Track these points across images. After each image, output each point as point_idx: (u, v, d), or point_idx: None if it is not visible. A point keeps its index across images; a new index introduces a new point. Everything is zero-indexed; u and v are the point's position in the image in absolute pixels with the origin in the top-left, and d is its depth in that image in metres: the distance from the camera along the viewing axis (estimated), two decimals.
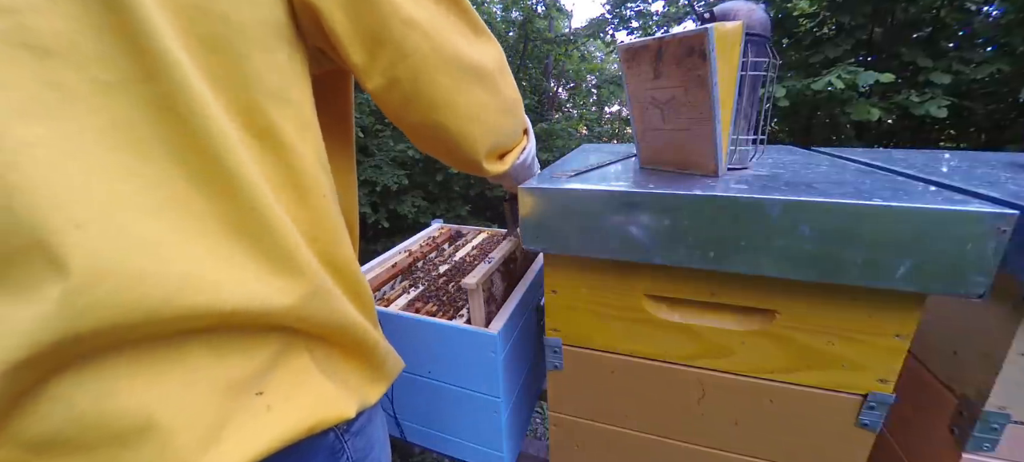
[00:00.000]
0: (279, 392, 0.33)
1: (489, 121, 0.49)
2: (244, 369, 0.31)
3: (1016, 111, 2.87)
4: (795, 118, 3.43)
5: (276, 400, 0.32)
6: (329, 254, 0.37)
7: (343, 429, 0.40)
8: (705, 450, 0.61)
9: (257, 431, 0.30)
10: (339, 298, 0.37)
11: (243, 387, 0.31)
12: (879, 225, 0.41)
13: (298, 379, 0.34)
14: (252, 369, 0.31)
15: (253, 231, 0.30)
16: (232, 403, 0.30)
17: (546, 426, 1.38)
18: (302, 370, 0.35)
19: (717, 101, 0.49)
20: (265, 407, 0.32)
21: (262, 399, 0.32)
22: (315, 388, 0.35)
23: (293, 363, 0.34)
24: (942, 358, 0.54)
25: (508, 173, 0.58)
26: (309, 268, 0.33)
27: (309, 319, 0.34)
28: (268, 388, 0.32)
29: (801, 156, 0.74)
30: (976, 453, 0.48)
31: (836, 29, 3.08)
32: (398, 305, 0.83)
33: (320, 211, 0.36)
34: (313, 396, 0.35)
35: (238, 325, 0.30)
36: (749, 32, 0.55)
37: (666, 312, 0.57)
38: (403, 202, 3.48)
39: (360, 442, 0.42)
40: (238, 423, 0.30)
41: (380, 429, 0.48)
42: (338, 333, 0.37)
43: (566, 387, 0.67)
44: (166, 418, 0.26)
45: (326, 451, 0.38)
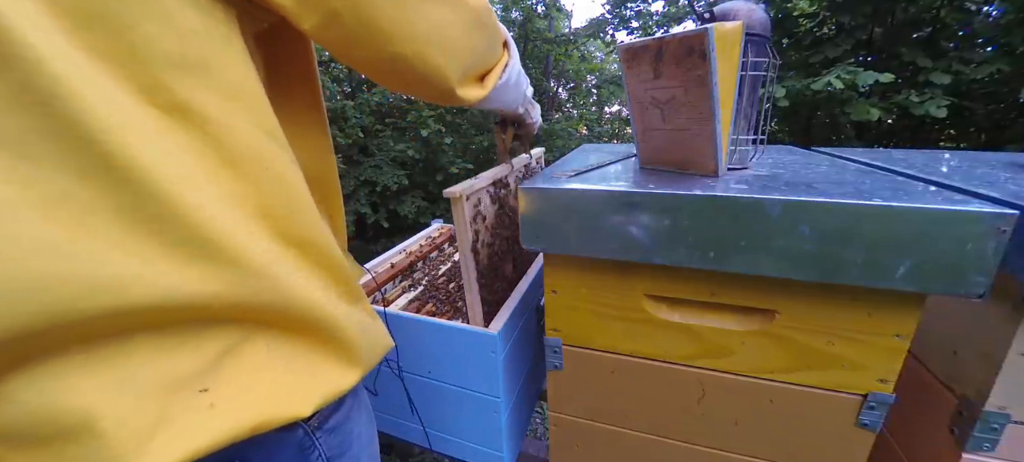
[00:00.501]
0: (226, 389, 0.31)
1: (455, 41, 0.42)
2: (187, 365, 0.30)
3: (1016, 111, 2.87)
4: (795, 118, 3.43)
5: (221, 398, 0.31)
6: (287, 229, 0.35)
7: (314, 426, 0.38)
8: (705, 450, 0.61)
9: (195, 429, 0.29)
10: (293, 276, 0.34)
11: (185, 384, 0.30)
12: (879, 225, 0.41)
13: (249, 374, 0.33)
14: (197, 365, 0.30)
15: (157, 221, 0.28)
16: (171, 401, 0.29)
17: (546, 426, 1.38)
18: (256, 365, 0.33)
19: (717, 101, 0.49)
20: (208, 404, 0.30)
21: (205, 396, 0.31)
22: (268, 384, 0.33)
23: (246, 357, 0.33)
24: (942, 358, 0.54)
25: (491, 97, 0.52)
26: (240, 252, 0.31)
27: (248, 306, 0.32)
28: (214, 384, 0.31)
29: (801, 156, 0.74)
30: (976, 453, 0.48)
31: (836, 29, 3.08)
32: (398, 305, 0.83)
33: (269, 184, 0.33)
34: (264, 393, 0.33)
35: (173, 321, 0.29)
36: (749, 32, 0.55)
37: (666, 312, 0.57)
38: (403, 202, 3.48)
39: (335, 439, 0.40)
40: (176, 421, 0.29)
41: (361, 425, 0.45)
42: (295, 318, 0.35)
43: (566, 387, 0.67)
44: (103, 416, 0.26)
45: (294, 447, 0.37)
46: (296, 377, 0.35)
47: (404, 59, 0.40)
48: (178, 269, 0.28)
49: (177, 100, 0.29)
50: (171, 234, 0.28)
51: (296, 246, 0.35)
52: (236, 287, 0.31)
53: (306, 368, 0.36)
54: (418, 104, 3.76)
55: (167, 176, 0.28)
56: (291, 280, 0.34)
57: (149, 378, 0.28)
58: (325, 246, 0.37)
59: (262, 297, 0.32)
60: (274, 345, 0.35)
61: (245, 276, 0.31)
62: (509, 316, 0.74)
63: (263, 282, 0.32)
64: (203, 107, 0.30)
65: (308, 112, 0.45)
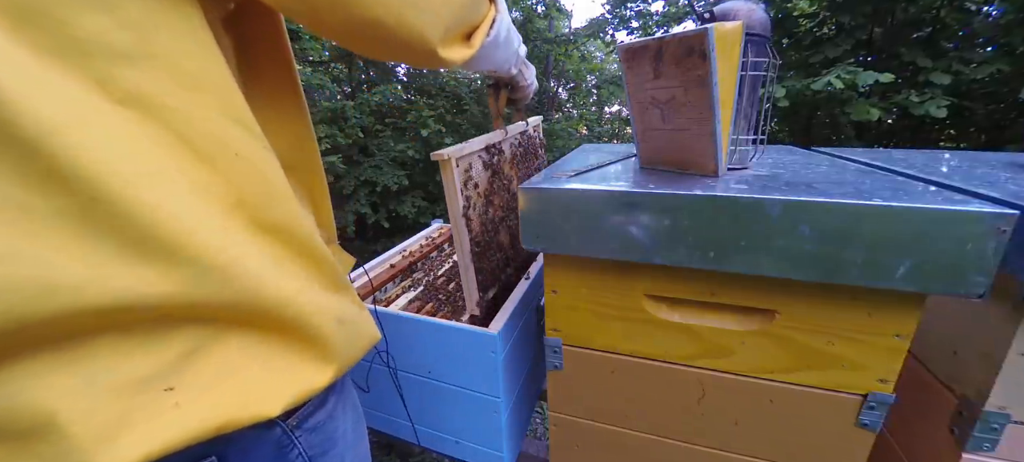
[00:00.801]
0: (192, 388, 0.31)
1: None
2: (152, 365, 0.30)
3: (1016, 111, 2.87)
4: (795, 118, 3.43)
5: (186, 397, 0.31)
6: (262, 216, 0.34)
7: (293, 424, 0.37)
8: (705, 450, 0.61)
9: (158, 428, 0.29)
10: (266, 268, 0.33)
11: (150, 383, 0.30)
12: (879, 225, 0.41)
13: (217, 373, 0.32)
14: (162, 364, 0.30)
15: (107, 222, 0.27)
16: (137, 400, 0.29)
17: (546, 426, 1.38)
18: (224, 363, 0.33)
19: (717, 101, 0.49)
20: (173, 404, 0.30)
21: (170, 395, 0.30)
22: (237, 383, 0.33)
23: (214, 356, 0.32)
24: (942, 358, 0.54)
25: (477, 57, 0.48)
26: (201, 249, 0.30)
27: (212, 304, 0.31)
28: (180, 384, 0.31)
29: (801, 156, 0.74)
30: (976, 453, 0.48)
31: (836, 29, 3.08)
32: (398, 305, 0.83)
33: (240, 172, 0.32)
34: (232, 392, 0.32)
35: (136, 321, 0.29)
36: (749, 32, 0.55)
37: (666, 312, 0.57)
38: (403, 202, 3.48)
39: (316, 438, 0.39)
40: (138, 420, 0.29)
41: (346, 425, 0.44)
42: (266, 314, 0.34)
43: (566, 387, 0.67)
44: (69, 414, 0.27)
45: (272, 445, 0.36)
46: (269, 376, 0.35)
47: (379, 23, 0.36)
48: (132, 270, 0.28)
49: (132, 91, 0.28)
50: (123, 234, 0.27)
51: (272, 233, 0.34)
52: (197, 286, 0.30)
53: (282, 366, 0.35)
54: (418, 104, 3.76)
55: (118, 174, 0.27)
56: (261, 273, 0.33)
57: (114, 377, 0.28)
58: (304, 234, 0.36)
59: (226, 295, 0.31)
60: (247, 344, 0.34)
61: (207, 274, 0.30)
62: (509, 316, 0.74)
63: (227, 279, 0.31)
64: (161, 97, 0.29)
65: (284, 97, 0.44)
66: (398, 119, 3.73)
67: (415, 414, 0.83)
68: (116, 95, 0.28)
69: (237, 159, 0.32)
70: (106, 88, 0.27)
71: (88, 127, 0.26)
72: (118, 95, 0.28)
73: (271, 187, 0.34)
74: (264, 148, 0.34)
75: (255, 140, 0.34)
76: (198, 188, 0.30)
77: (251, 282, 0.32)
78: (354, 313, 0.42)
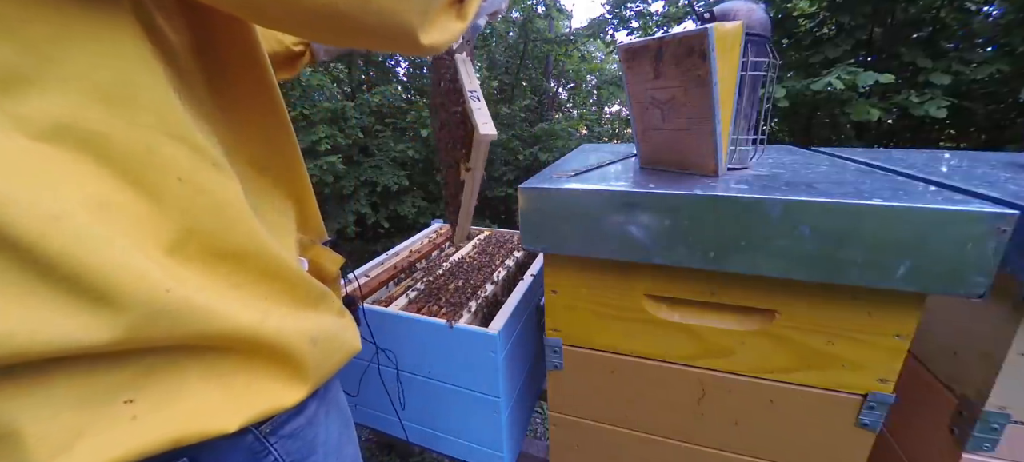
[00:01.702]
0: (150, 400, 0.30)
1: None
2: (110, 382, 0.29)
3: (1016, 111, 2.87)
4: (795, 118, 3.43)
5: (144, 409, 0.30)
6: (216, 243, 0.31)
7: (267, 431, 0.36)
8: (705, 450, 0.61)
9: (114, 441, 0.29)
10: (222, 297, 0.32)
11: (110, 395, 0.29)
12: (879, 225, 0.41)
13: (176, 387, 0.31)
14: (120, 381, 0.29)
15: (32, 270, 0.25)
16: (95, 412, 0.28)
17: (546, 426, 1.38)
18: (183, 381, 0.32)
19: (717, 101, 0.49)
20: (130, 416, 0.29)
21: (129, 408, 0.29)
22: (196, 398, 0.32)
23: (172, 376, 0.31)
24: (942, 358, 0.54)
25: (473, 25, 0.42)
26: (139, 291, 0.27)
27: (164, 338, 0.30)
28: (140, 396, 0.30)
29: (801, 156, 0.74)
30: (976, 453, 0.48)
31: (836, 29, 3.08)
32: (398, 305, 0.83)
33: (185, 198, 0.30)
34: (189, 408, 0.31)
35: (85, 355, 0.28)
36: (749, 32, 0.55)
37: (666, 312, 0.57)
38: (403, 202, 3.48)
39: (294, 444, 0.38)
40: (95, 432, 0.28)
41: (330, 430, 0.42)
42: (226, 339, 0.32)
43: (566, 387, 0.67)
44: (25, 426, 0.27)
45: (244, 452, 0.35)
46: (228, 394, 0.33)
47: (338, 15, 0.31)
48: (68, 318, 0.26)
49: (48, 124, 0.25)
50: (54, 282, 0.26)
51: (229, 260, 0.32)
52: (141, 328, 0.28)
53: (245, 384, 0.34)
54: (418, 104, 3.75)
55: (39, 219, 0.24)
56: (215, 307, 0.31)
57: (70, 394, 0.28)
58: (268, 255, 0.34)
59: (177, 333, 0.30)
60: (206, 365, 0.33)
61: (151, 317, 0.28)
62: (509, 316, 0.74)
63: (175, 319, 0.29)
64: (83, 124, 0.26)
65: (255, 95, 0.40)
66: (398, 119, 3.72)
67: (415, 414, 0.83)
68: (31, 131, 0.25)
69: (181, 185, 0.29)
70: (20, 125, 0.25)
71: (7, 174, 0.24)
72: (33, 131, 0.25)
73: (224, 211, 0.32)
74: (213, 167, 0.31)
75: (201, 160, 0.31)
76: (138, 223, 0.28)
77: (201, 317, 0.30)
78: (331, 327, 0.40)
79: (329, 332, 0.39)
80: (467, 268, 1.01)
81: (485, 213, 4.10)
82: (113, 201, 0.27)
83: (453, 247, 1.17)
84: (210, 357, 0.33)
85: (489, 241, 1.18)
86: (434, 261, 1.09)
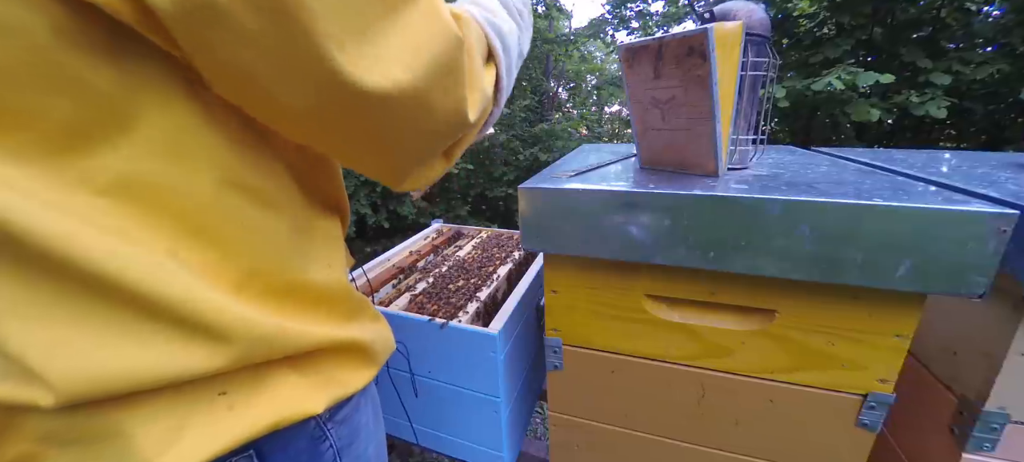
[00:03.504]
0: (242, 391, 0.32)
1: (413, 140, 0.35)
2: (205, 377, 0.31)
3: (1016, 111, 2.87)
4: (795, 118, 3.43)
5: (238, 399, 0.32)
6: (276, 281, 0.33)
7: (325, 417, 0.39)
8: (705, 450, 0.61)
9: (216, 431, 0.31)
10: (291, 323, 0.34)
11: (205, 388, 0.31)
12: (879, 225, 0.41)
13: (264, 378, 0.34)
14: (214, 371, 0.30)
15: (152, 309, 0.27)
16: (194, 406, 0.30)
17: (546, 426, 1.38)
18: (268, 372, 0.34)
19: (717, 101, 0.49)
20: (227, 407, 0.31)
21: (225, 399, 0.31)
22: (282, 386, 0.34)
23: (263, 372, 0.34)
24: (942, 358, 0.54)
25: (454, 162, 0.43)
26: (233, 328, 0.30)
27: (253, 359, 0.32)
28: (232, 387, 0.32)
29: (801, 156, 0.74)
30: (976, 453, 0.48)
31: (836, 29, 3.08)
32: (399, 305, 0.83)
33: (244, 241, 0.31)
34: (279, 394, 0.34)
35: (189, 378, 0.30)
36: (749, 32, 0.55)
37: (666, 312, 0.57)
38: (403, 202, 3.48)
39: (344, 430, 0.41)
40: (197, 423, 0.30)
41: (368, 417, 0.46)
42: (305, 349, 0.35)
43: (566, 387, 0.67)
44: (133, 427, 0.28)
45: (307, 438, 0.38)
46: (309, 380, 0.36)
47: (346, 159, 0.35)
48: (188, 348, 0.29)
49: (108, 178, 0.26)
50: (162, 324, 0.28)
51: (289, 294, 0.35)
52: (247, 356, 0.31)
53: (321, 372, 0.38)
54: None
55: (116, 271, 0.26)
56: (289, 328, 0.33)
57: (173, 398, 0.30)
58: (319, 283, 0.37)
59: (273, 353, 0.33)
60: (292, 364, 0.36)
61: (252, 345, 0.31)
62: (509, 316, 0.74)
63: (272, 343, 0.32)
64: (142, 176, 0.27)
65: None
66: None
67: (415, 414, 0.83)
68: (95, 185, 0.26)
69: (240, 227, 0.31)
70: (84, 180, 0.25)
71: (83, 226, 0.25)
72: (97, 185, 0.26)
73: (276, 247, 0.34)
74: (268, 207, 0.32)
75: (259, 203, 0.32)
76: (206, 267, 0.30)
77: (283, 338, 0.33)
78: (379, 325, 0.45)
79: (380, 329, 0.45)
80: (467, 268, 1.01)
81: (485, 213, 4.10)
82: (187, 246, 0.29)
83: (453, 247, 1.17)
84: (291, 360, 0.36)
85: (489, 241, 1.18)
86: (434, 261, 1.09)
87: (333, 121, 0.30)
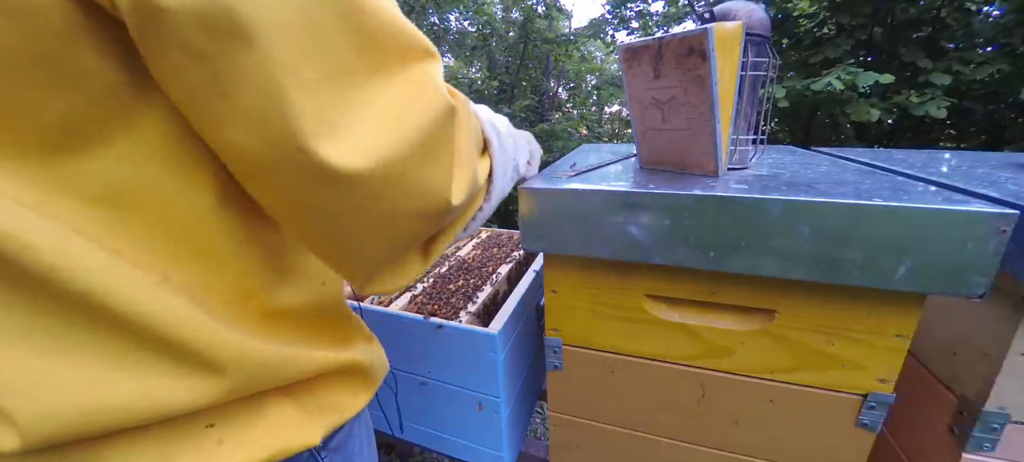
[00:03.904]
0: (233, 424, 0.30)
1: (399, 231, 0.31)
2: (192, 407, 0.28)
3: (1016, 111, 2.87)
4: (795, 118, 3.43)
5: (228, 433, 0.30)
6: (274, 306, 0.31)
7: (319, 447, 0.36)
8: (705, 450, 0.61)
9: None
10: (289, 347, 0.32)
11: (192, 421, 0.29)
12: (879, 225, 0.41)
13: (257, 408, 0.31)
14: (202, 405, 0.28)
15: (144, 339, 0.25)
16: (182, 440, 0.28)
17: (546, 426, 1.38)
18: (261, 402, 0.32)
19: (717, 101, 0.49)
20: (216, 441, 0.29)
21: (213, 431, 0.29)
22: (277, 416, 0.32)
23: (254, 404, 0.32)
24: (942, 358, 0.54)
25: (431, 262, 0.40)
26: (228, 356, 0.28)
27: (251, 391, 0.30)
28: (220, 420, 0.30)
29: (801, 156, 0.74)
30: (976, 453, 0.48)
31: (836, 29, 3.08)
32: (398, 305, 0.83)
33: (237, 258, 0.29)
34: (273, 426, 0.32)
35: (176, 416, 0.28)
36: (749, 32, 0.55)
37: (666, 312, 0.57)
38: None
39: (339, 457, 0.39)
40: (184, 459, 0.28)
41: (363, 440, 0.44)
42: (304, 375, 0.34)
43: (566, 387, 0.67)
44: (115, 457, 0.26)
45: None
46: (304, 409, 0.34)
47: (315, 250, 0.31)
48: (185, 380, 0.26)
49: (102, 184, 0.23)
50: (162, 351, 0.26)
51: (286, 316, 0.33)
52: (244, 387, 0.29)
53: (316, 400, 0.36)
54: None
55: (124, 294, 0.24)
56: (287, 354, 0.32)
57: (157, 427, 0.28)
58: (315, 303, 0.35)
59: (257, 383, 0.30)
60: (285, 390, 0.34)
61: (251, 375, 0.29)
62: (509, 316, 0.74)
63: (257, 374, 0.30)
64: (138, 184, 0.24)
65: None
66: None
67: (415, 414, 0.83)
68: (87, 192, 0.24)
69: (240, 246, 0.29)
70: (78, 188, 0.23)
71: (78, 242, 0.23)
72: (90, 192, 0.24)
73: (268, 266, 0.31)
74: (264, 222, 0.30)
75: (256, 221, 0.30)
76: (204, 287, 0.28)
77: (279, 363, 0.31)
78: (373, 346, 0.43)
79: (375, 351, 0.43)
80: (467, 268, 1.01)
81: None
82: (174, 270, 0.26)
83: (453, 247, 1.17)
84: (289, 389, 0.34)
85: (489, 241, 1.18)
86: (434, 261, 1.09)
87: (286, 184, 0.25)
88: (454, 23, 5.73)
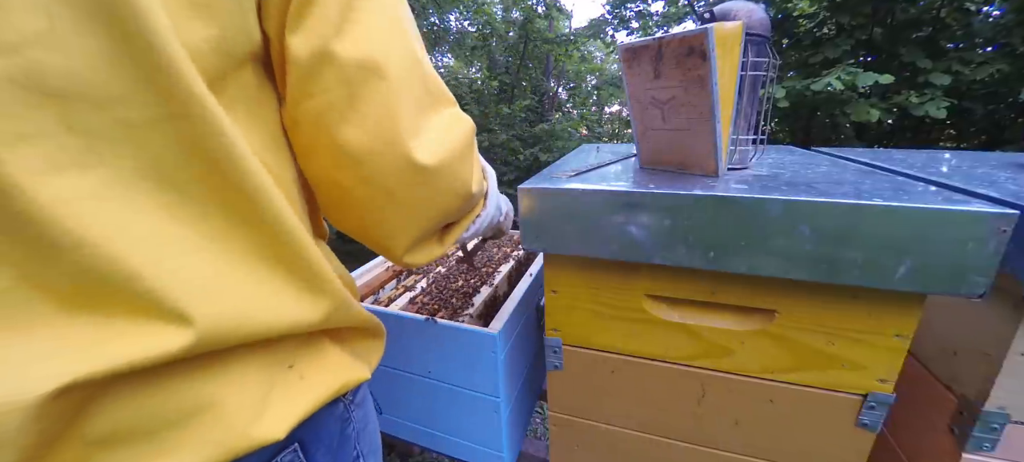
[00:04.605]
0: (306, 364, 0.36)
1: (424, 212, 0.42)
2: (281, 353, 0.34)
3: (1016, 111, 2.87)
4: (795, 118, 3.43)
5: (306, 371, 0.36)
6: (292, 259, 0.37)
7: (350, 399, 0.42)
8: (705, 450, 0.61)
9: (295, 399, 0.34)
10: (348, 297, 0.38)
11: (278, 362, 0.34)
12: (879, 225, 0.41)
13: (320, 352, 0.38)
14: (285, 350, 0.35)
15: (287, 260, 0.32)
16: (272, 377, 0.33)
17: (546, 426, 1.38)
18: (322, 346, 0.38)
19: (717, 101, 0.49)
20: (298, 377, 0.35)
21: (294, 371, 0.35)
22: (334, 358, 0.39)
23: (314, 342, 0.38)
24: (942, 358, 0.54)
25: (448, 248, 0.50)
26: (332, 285, 0.35)
27: (330, 324, 0.37)
28: (297, 361, 0.35)
29: (801, 156, 0.74)
30: (976, 453, 0.48)
31: (836, 29, 3.08)
32: (398, 305, 0.83)
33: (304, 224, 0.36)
34: (334, 364, 0.38)
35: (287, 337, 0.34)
36: (749, 32, 0.55)
37: (666, 312, 0.57)
38: None
39: (360, 413, 0.44)
40: (279, 394, 0.33)
41: (370, 400, 0.50)
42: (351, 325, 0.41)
43: (566, 387, 0.67)
44: (225, 398, 0.30)
45: (337, 420, 0.40)
46: (350, 355, 0.41)
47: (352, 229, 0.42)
48: (304, 300, 0.33)
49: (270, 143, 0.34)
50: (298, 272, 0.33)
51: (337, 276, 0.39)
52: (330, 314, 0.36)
53: (354, 349, 0.42)
54: None
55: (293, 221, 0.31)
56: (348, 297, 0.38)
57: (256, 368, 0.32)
58: (343, 272, 0.42)
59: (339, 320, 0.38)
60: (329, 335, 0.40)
61: (336, 305, 0.36)
62: (509, 316, 0.74)
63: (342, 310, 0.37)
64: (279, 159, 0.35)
65: None
66: None
67: (415, 414, 0.83)
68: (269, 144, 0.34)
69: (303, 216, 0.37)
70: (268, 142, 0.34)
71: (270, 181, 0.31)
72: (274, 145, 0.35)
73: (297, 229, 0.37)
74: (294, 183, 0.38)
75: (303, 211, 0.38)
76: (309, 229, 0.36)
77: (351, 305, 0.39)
78: None
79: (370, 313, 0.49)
80: (467, 268, 1.01)
81: None
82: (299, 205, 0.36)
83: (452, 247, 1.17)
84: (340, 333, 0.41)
85: (489, 241, 1.18)
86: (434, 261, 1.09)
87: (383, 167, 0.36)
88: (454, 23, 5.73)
